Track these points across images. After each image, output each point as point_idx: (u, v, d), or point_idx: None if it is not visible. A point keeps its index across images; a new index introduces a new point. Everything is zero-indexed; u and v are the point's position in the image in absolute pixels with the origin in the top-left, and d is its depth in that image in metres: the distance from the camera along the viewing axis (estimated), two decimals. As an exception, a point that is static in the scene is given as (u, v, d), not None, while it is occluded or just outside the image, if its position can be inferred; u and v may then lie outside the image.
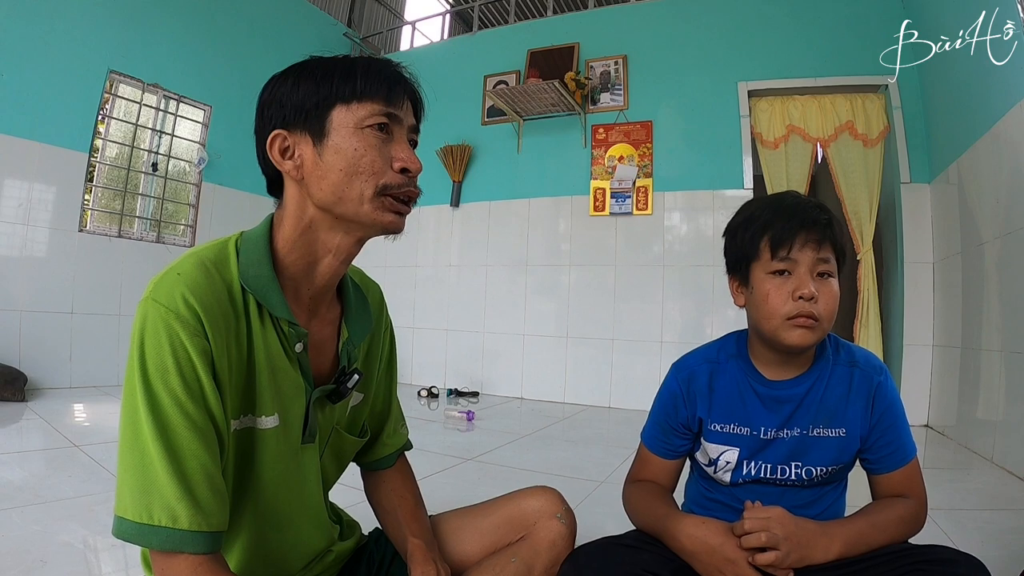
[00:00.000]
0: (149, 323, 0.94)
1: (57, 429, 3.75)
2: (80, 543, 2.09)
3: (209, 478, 0.93)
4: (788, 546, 1.16)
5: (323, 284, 1.16)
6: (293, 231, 1.10)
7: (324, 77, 1.07)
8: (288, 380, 1.11)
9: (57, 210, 5.28)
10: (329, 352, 1.23)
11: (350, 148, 1.05)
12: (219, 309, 1.00)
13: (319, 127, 1.06)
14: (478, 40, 7.64)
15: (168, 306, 0.95)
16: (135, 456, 0.90)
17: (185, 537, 0.89)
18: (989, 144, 4.02)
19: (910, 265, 5.29)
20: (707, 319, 5.86)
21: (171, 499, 0.89)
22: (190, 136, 6.43)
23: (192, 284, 0.98)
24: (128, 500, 0.89)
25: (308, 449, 1.18)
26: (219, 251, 1.07)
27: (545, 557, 1.28)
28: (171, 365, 0.93)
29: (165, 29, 6.02)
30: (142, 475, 0.89)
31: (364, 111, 1.06)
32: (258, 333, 1.07)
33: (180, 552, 0.90)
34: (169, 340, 0.93)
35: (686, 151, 6.13)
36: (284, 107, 1.08)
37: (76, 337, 5.37)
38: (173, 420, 0.91)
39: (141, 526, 0.88)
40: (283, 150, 1.08)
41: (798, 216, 1.28)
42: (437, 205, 7.03)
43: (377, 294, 1.42)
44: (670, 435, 1.50)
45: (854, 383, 1.37)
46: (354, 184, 1.05)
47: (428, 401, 5.92)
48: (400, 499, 1.39)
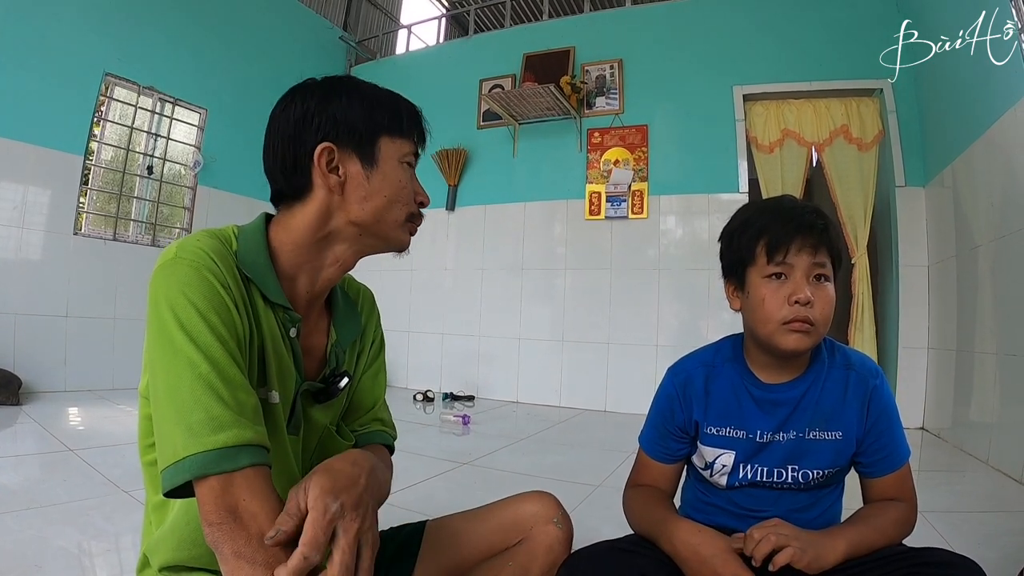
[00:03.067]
0: (183, 274, 0.98)
1: (52, 433, 3.74)
2: (75, 548, 2.08)
3: (255, 408, 0.97)
4: (800, 543, 1.16)
5: (321, 290, 1.21)
6: (307, 238, 1.15)
7: (374, 105, 1.16)
8: (283, 364, 1.13)
9: (52, 213, 5.28)
10: (318, 355, 1.26)
11: (396, 179, 1.16)
12: (234, 276, 1.04)
13: (370, 152, 1.14)
14: (474, 44, 7.66)
15: (199, 260, 1.00)
16: (191, 393, 0.91)
17: (255, 451, 0.92)
18: (984, 148, 4.03)
19: (905, 268, 5.30)
20: (703, 323, 5.86)
21: (233, 421, 0.91)
22: (185, 139, 6.43)
23: (212, 248, 1.03)
24: (186, 438, 0.89)
25: (291, 440, 1.18)
26: (224, 234, 1.11)
27: (542, 562, 1.28)
28: (211, 307, 0.97)
29: (161, 32, 6.03)
30: (202, 408, 0.90)
31: (405, 148, 1.18)
32: (262, 310, 1.10)
33: (252, 465, 0.90)
34: (207, 286, 0.98)
35: (682, 155, 6.14)
36: (337, 123, 1.12)
37: (71, 340, 5.36)
38: (220, 356, 0.94)
39: (208, 454, 0.88)
40: (329, 163, 1.12)
41: (794, 221, 1.28)
42: (432, 209, 6.80)
43: (368, 296, 1.45)
44: (667, 439, 1.50)
45: (850, 386, 1.37)
46: (393, 210, 1.16)
47: (424, 405, 5.91)
48: None
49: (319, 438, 1.27)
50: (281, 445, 1.15)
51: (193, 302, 0.95)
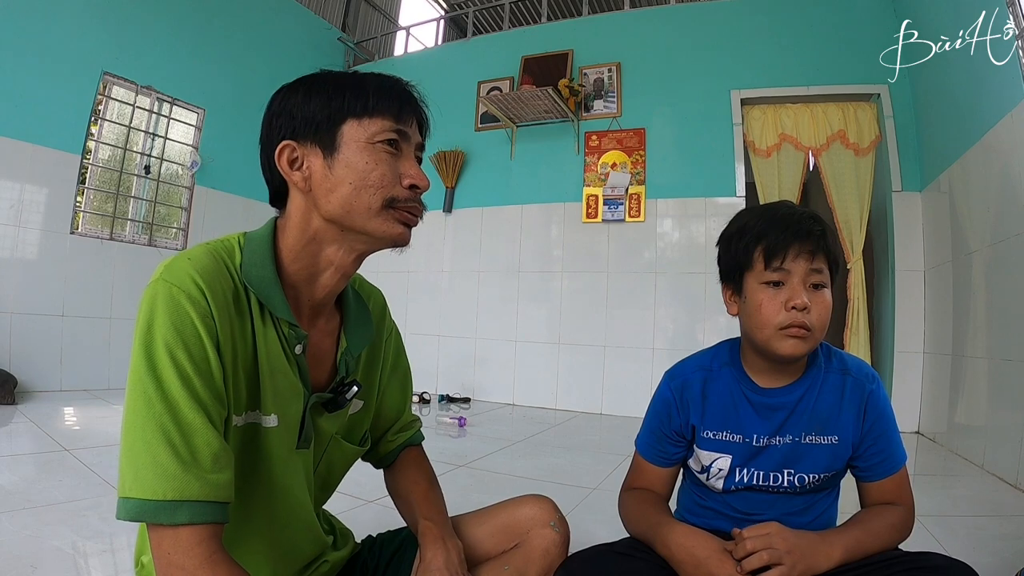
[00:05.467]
0: (160, 301, 0.94)
1: (47, 433, 3.73)
2: (70, 548, 2.07)
3: (215, 454, 0.93)
4: (792, 559, 1.16)
5: (322, 297, 1.17)
6: (297, 242, 1.11)
7: (336, 91, 1.09)
8: (286, 382, 1.11)
9: (49, 212, 5.27)
10: (327, 362, 1.23)
11: (360, 162, 1.06)
12: (225, 298, 1.01)
13: (330, 140, 1.07)
14: (472, 46, 7.65)
15: (180, 285, 0.96)
16: (142, 433, 0.89)
17: (195, 508, 0.89)
18: (980, 153, 4.04)
19: (901, 273, 5.31)
20: (699, 326, 5.87)
21: (178, 472, 0.88)
22: (183, 139, 6.42)
23: (202, 269, 0.99)
24: (132, 479, 0.88)
25: (302, 455, 1.17)
26: (227, 245, 1.09)
27: (539, 565, 1.29)
28: (180, 342, 0.93)
29: (159, 31, 6.02)
30: (149, 452, 0.88)
31: (375, 127, 1.08)
32: (260, 330, 1.07)
33: (190, 524, 0.89)
34: (180, 318, 0.94)
35: (679, 159, 6.14)
36: (294, 119, 1.09)
37: (67, 340, 5.35)
38: (180, 396, 0.91)
39: (147, 503, 0.87)
40: (291, 161, 1.09)
41: (792, 227, 1.28)
42: (430, 211, 6.83)
43: (379, 301, 1.42)
44: (664, 442, 1.50)
45: (846, 391, 1.38)
46: (362, 197, 1.06)
47: (420, 407, 5.92)
48: (413, 484, 1.40)
49: (325, 447, 1.26)
50: (290, 463, 1.15)
51: (163, 335, 0.93)
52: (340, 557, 1.36)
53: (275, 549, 1.17)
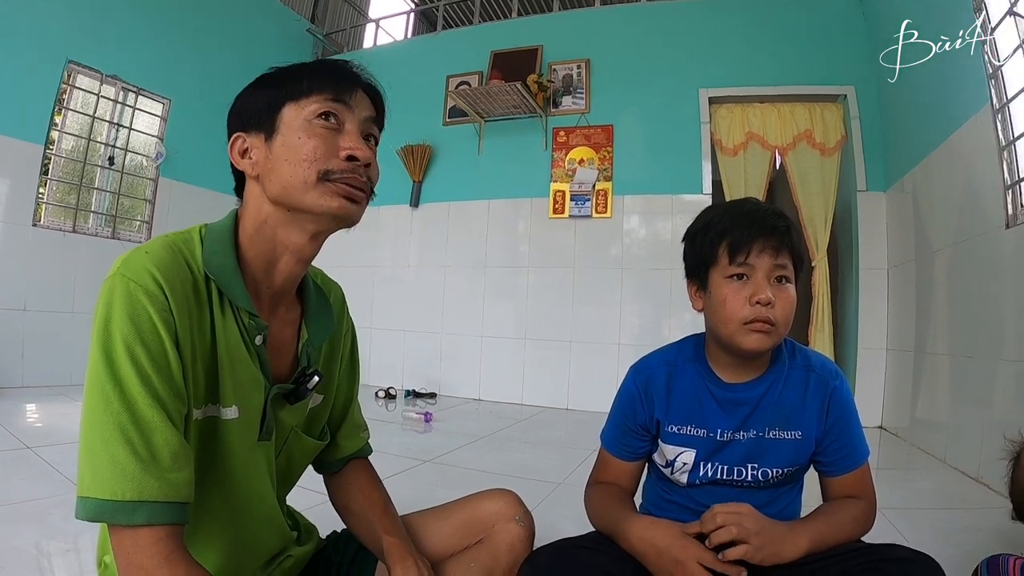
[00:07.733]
0: (117, 297, 0.93)
1: (9, 431, 3.65)
2: (33, 548, 2.04)
3: (174, 453, 0.92)
4: (759, 540, 1.18)
5: (281, 284, 1.16)
6: (252, 227, 1.12)
7: (278, 80, 1.13)
8: (247, 373, 1.10)
9: (10, 203, 5.15)
10: (288, 353, 1.23)
11: (294, 139, 1.07)
12: (183, 291, 1.01)
13: (270, 125, 1.10)
14: (442, 40, 7.63)
15: (137, 280, 0.95)
16: (100, 432, 0.88)
17: (153, 509, 0.88)
18: (943, 156, 4.11)
19: (865, 271, 5.39)
20: (664, 322, 5.90)
21: (136, 472, 0.87)
22: (148, 130, 6.31)
23: (159, 263, 0.98)
24: (91, 479, 0.87)
25: (264, 447, 1.17)
26: (186, 237, 1.09)
27: (504, 560, 1.29)
28: (138, 338, 0.92)
29: (126, 20, 5.90)
30: (107, 451, 0.87)
31: (312, 105, 1.09)
32: (220, 321, 1.07)
33: (148, 525, 0.88)
34: (137, 314, 0.93)
35: (646, 156, 6.17)
36: (243, 112, 1.13)
37: (28, 335, 5.23)
38: (138, 394, 0.90)
39: (105, 503, 0.86)
40: (242, 151, 1.13)
41: (757, 223, 1.30)
42: (396, 205, 6.96)
43: (339, 295, 1.42)
44: (629, 437, 1.51)
45: (810, 387, 1.40)
46: (297, 172, 1.06)
47: (386, 402, 5.88)
48: (368, 499, 1.38)
49: (285, 439, 1.25)
50: (252, 455, 1.14)
51: (121, 331, 0.92)
52: (304, 552, 1.36)
53: (237, 542, 1.16)
